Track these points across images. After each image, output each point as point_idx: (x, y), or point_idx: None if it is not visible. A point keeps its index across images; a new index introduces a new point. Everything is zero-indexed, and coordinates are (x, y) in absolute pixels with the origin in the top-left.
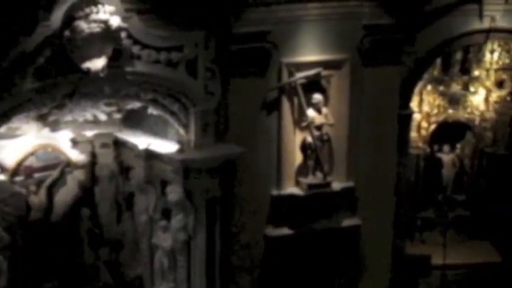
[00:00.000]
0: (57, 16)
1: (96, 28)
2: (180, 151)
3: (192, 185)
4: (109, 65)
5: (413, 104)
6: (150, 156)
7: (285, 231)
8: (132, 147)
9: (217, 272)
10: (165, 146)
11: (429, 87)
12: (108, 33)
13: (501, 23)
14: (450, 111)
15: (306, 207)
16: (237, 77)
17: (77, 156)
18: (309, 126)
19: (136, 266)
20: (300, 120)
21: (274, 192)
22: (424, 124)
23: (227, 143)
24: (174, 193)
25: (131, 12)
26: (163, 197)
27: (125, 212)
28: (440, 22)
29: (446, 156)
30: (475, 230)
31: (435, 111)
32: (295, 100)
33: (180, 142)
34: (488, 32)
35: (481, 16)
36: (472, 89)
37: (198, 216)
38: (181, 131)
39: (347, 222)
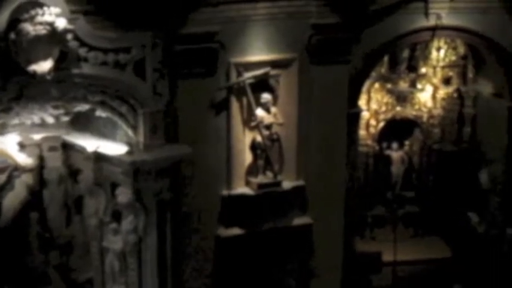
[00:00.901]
0: (1, 18)
1: (41, 30)
2: (129, 153)
3: (142, 186)
4: (55, 68)
5: (362, 102)
6: (99, 158)
7: (236, 231)
8: (81, 150)
9: (169, 273)
10: (114, 148)
11: (377, 85)
12: (54, 36)
13: (447, 20)
14: (398, 108)
15: (256, 207)
16: (185, 77)
17: (24, 159)
18: (258, 126)
19: (87, 270)
20: (249, 120)
21: (225, 192)
22: (373, 122)
23: (176, 143)
24: (123, 195)
25: (77, 13)
26: (113, 199)
27: (74, 216)
28: (387, 20)
29: (395, 154)
30: (424, 226)
31: (383, 108)
32: (244, 100)
33: (129, 144)
34: (434, 30)
35: (427, 14)
36: (419, 86)
37: (149, 217)
38: (130, 133)
39: (298, 221)
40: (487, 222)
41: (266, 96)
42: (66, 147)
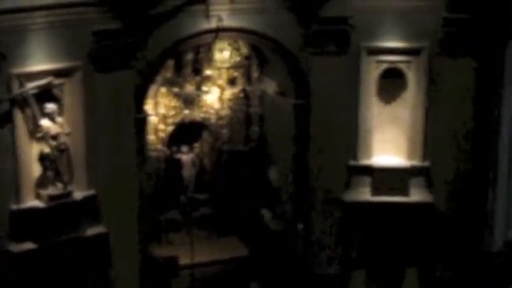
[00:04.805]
0: None
1: None
2: None
3: None
4: None
5: (149, 107)
6: None
7: (29, 245)
8: None
9: None
10: None
11: (163, 89)
12: None
13: (228, 22)
14: (186, 111)
15: (48, 219)
16: None
17: None
18: (44, 137)
19: None
20: (35, 131)
21: (14, 206)
22: (162, 126)
23: None
24: None
25: None
26: None
27: None
28: (169, 24)
29: (185, 157)
30: (220, 226)
31: (171, 112)
32: (28, 111)
33: None
34: (216, 32)
35: (208, 16)
36: (205, 88)
37: None
38: None
39: (92, 231)
40: (279, 218)
41: (51, 106)
42: None
